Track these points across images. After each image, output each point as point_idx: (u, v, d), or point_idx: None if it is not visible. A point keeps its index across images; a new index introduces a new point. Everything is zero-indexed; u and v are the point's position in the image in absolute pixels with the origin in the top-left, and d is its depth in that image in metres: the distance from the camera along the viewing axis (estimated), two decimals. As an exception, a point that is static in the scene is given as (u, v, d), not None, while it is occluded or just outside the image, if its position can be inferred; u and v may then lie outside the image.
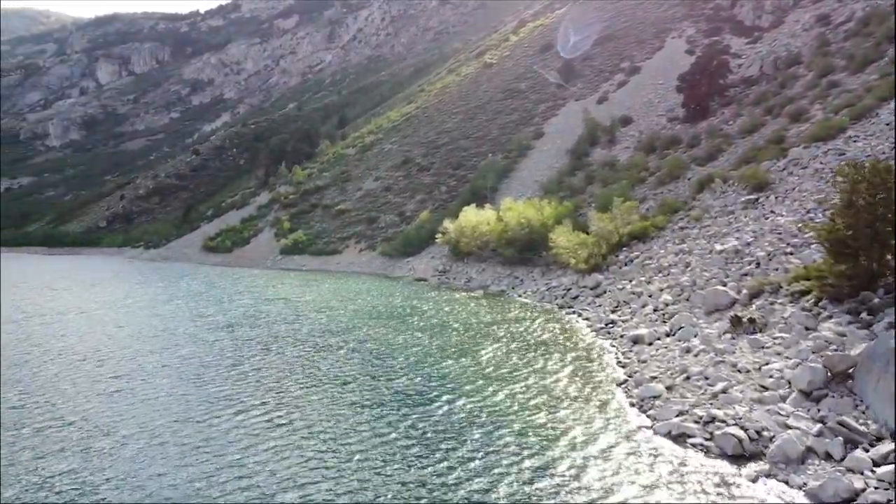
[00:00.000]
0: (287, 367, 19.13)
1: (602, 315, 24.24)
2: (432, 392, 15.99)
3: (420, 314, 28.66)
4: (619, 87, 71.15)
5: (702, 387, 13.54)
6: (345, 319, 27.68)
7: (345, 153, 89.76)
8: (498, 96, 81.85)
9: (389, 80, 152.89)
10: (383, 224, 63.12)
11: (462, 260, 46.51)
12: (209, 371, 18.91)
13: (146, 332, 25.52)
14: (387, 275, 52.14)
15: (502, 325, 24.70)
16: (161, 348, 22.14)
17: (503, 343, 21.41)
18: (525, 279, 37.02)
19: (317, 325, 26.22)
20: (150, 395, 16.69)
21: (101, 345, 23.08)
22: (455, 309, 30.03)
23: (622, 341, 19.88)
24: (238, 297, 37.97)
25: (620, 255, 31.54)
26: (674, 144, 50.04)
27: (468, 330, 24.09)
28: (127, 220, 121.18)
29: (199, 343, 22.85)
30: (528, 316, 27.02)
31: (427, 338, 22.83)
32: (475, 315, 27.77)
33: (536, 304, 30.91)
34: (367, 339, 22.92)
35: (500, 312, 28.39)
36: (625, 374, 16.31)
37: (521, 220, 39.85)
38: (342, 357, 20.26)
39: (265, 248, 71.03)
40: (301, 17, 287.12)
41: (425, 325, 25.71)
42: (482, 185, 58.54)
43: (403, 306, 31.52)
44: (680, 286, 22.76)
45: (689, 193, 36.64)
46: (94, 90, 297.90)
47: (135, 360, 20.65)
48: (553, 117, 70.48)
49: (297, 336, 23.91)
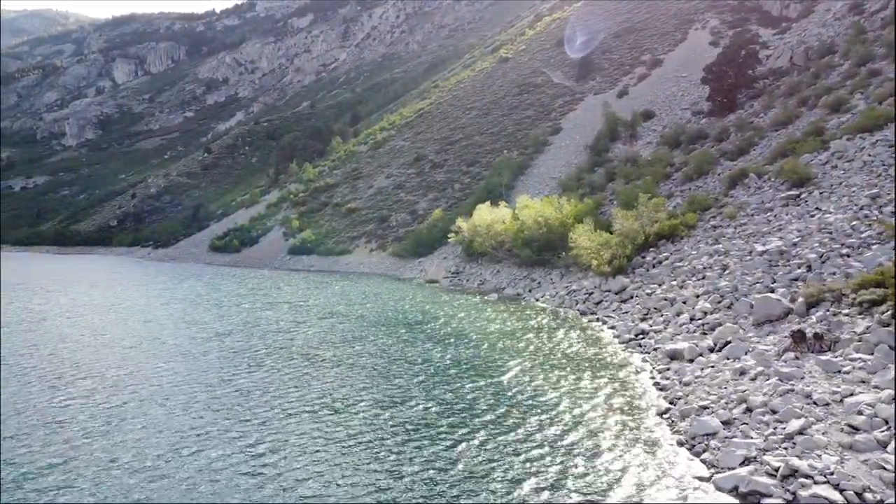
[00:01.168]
0: (275, 388, 16.53)
1: (630, 324, 21.69)
2: (445, 424, 13.39)
3: (432, 321, 26.22)
4: (640, 80, 68.42)
5: (769, 423, 10.87)
6: (349, 328, 25.27)
7: (356, 150, 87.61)
8: (514, 91, 79.26)
9: (403, 76, 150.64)
10: (394, 223, 60.83)
11: (475, 261, 44.08)
12: (180, 394, 16.13)
13: (128, 342, 23.25)
14: (397, 276, 49.83)
15: (521, 336, 22.21)
16: (136, 364, 19.50)
17: (524, 358, 18.90)
18: (543, 282, 34.50)
19: (318, 335, 23.83)
20: (99, 429, 13.66)
21: (71, 359, 20.61)
22: (469, 315, 27.58)
23: (657, 356, 17.33)
24: (239, 301, 35.79)
25: (647, 257, 28.91)
26: (700, 139, 47.36)
27: (485, 341, 21.60)
28: (138, 220, 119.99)
29: (183, 357, 20.46)
30: (549, 324, 24.50)
31: (439, 351, 20.32)
32: (491, 323, 25.31)
33: (556, 310, 28.38)
34: (371, 353, 20.48)
35: (517, 319, 25.90)
36: (666, 401, 13.70)
37: (538, 219, 37.34)
38: (341, 375, 17.69)
39: (273, 247, 69.03)
40: (316, 16, 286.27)
41: (437, 334, 23.26)
42: (497, 182, 56.10)
43: (414, 312, 29.09)
44: (719, 292, 20.15)
45: (720, 189, 34.00)
46: (111, 90, 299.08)
47: (101, 379, 17.94)
48: (571, 112, 67.89)
49: (294, 348, 21.48)
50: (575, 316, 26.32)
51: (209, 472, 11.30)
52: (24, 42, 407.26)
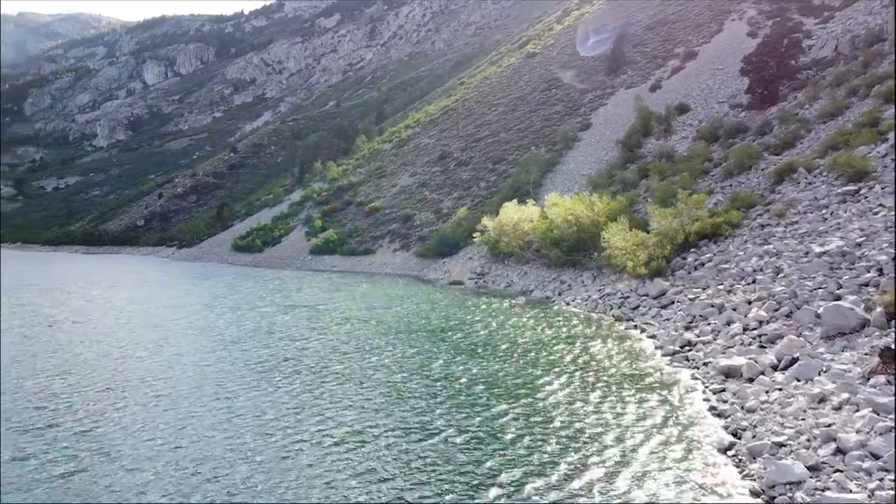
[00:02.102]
0: (278, 411, 14.43)
1: (673, 333, 19.57)
2: (469, 458, 11.30)
3: (456, 329, 24.27)
4: (674, 73, 65.72)
5: (872, 472, 8.66)
6: (367, 335, 23.45)
7: (381, 148, 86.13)
8: (541, 86, 77.00)
9: (429, 74, 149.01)
10: (418, 222, 59.10)
11: (502, 261, 42.13)
12: (155, 422, 13.90)
13: (128, 351, 21.67)
14: (420, 277, 48.08)
15: (554, 346, 20.20)
16: (123, 379, 17.49)
17: (559, 374, 16.87)
18: (573, 284, 32.41)
19: (332, 344, 22.02)
20: (66, 460, 11.91)
21: (61, 370, 19.05)
22: (496, 322, 25.63)
23: (708, 373, 15.20)
24: (257, 304, 34.27)
25: (688, 258, 26.68)
26: (740, 132, 44.90)
27: (514, 353, 19.62)
28: (164, 219, 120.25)
29: (179, 370, 18.62)
30: (583, 332, 22.44)
31: (464, 364, 18.32)
32: (520, 330, 23.31)
33: (589, 315, 26.31)
34: (388, 366, 18.55)
35: (549, 326, 23.88)
36: (728, 431, 11.53)
37: (568, 217, 35.26)
38: (350, 394, 15.71)
39: (296, 247, 67.79)
40: (343, 16, 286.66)
41: (462, 344, 21.30)
42: (524, 179, 53.99)
43: (437, 317, 27.18)
44: (775, 298, 17.94)
45: (765, 185, 31.60)
46: (141, 91, 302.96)
47: (81, 399, 16.02)
48: (601, 107, 65.48)
49: (304, 359, 19.59)
50: (610, 322, 24.22)
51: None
52: (58, 45, 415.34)
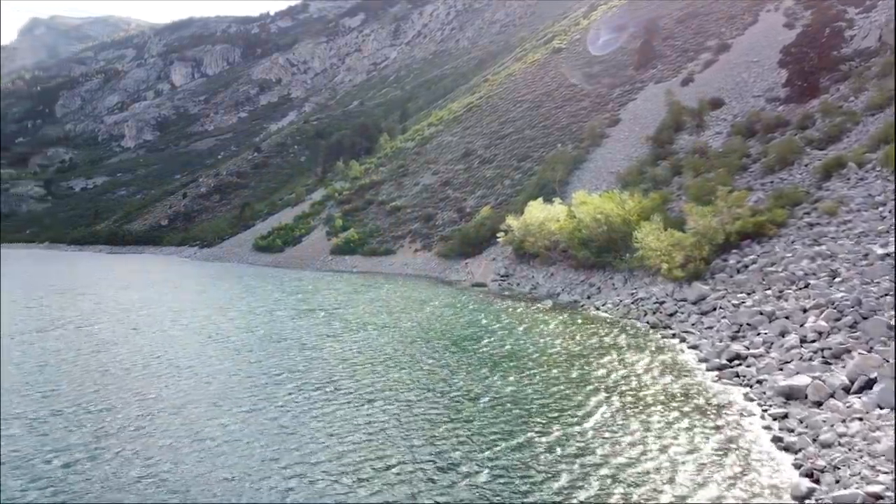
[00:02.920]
0: (268, 441, 12.59)
1: (718, 344, 17.65)
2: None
3: (481, 337, 22.46)
4: (706, 67, 63.19)
5: None
6: (384, 344, 21.78)
7: (403, 147, 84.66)
8: (567, 82, 74.84)
9: (453, 72, 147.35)
10: (440, 221, 57.46)
11: (527, 262, 40.29)
12: (135, 446, 12.57)
13: (126, 361, 20.17)
14: (442, 278, 46.43)
15: (587, 358, 18.37)
16: (110, 392, 15.94)
17: (596, 393, 15.00)
18: (603, 287, 30.51)
19: (345, 354, 20.34)
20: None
21: (44, 382, 17.71)
22: (523, 328, 23.86)
23: (765, 393, 13.30)
24: (271, 308, 32.91)
25: (729, 260, 24.66)
26: (779, 126, 42.53)
27: (545, 365, 17.80)
28: (187, 219, 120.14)
29: (175, 383, 17.13)
30: (616, 341, 20.57)
31: (490, 380, 16.41)
32: (550, 339, 21.48)
33: (621, 322, 24.42)
34: (406, 383, 16.70)
35: (579, 334, 22.04)
36: (802, 472, 9.61)
37: (597, 216, 33.34)
38: (365, 416, 13.86)
39: (316, 247, 66.58)
40: (367, 15, 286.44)
41: (488, 355, 19.47)
42: (550, 177, 52.04)
43: (460, 324, 25.40)
44: (835, 307, 15.97)
45: (810, 181, 29.45)
46: (168, 92, 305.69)
47: (60, 413, 14.78)
48: (630, 102, 63.19)
49: (313, 373, 17.89)
50: (645, 330, 22.32)
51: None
52: (88, 48, 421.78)
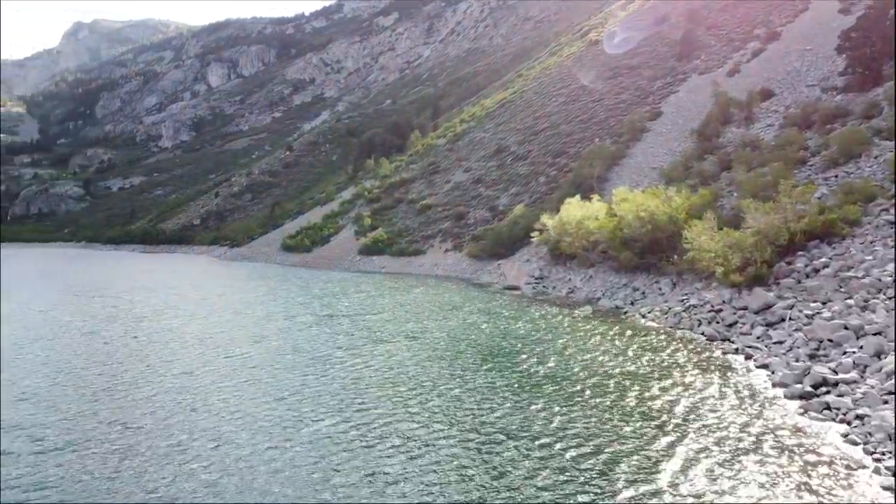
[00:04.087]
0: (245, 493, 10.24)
1: (795, 363, 14.89)
2: None
3: (518, 351, 19.80)
4: (754, 56, 59.52)
5: None
6: (411, 361, 19.15)
7: (434, 144, 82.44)
8: (606, 74, 71.76)
9: (486, 69, 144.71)
10: (472, 220, 55.06)
11: (563, 264, 37.66)
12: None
13: (107, 378, 17.95)
14: (473, 280, 44.05)
15: (646, 382, 15.60)
16: (72, 433, 13.49)
17: (660, 431, 12.19)
18: (648, 292, 27.77)
19: (366, 373, 17.77)
20: None
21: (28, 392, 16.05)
22: (564, 341, 21.26)
23: (871, 434, 10.57)
24: (293, 312, 30.86)
25: (796, 263, 21.74)
26: (839, 117, 39.08)
27: (599, 390, 15.02)
28: (220, 218, 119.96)
29: (155, 410, 14.83)
30: (674, 359, 17.79)
31: (539, 410, 13.58)
32: (599, 355, 18.75)
33: (672, 332, 21.71)
34: (434, 412, 13.91)
35: (630, 348, 19.35)
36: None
37: (641, 214, 30.56)
38: (376, 462, 11.27)
39: (345, 247, 64.79)
40: (401, 14, 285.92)
41: (529, 376, 16.75)
42: (587, 174, 49.29)
43: (495, 334, 22.79)
44: (943, 321, 13.12)
45: (883, 175, 26.29)
46: (205, 93, 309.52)
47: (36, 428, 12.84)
48: (672, 95, 59.93)
49: (324, 398, 15.23)
50: (702, 343, 19.59)
51: None
52: (128, 50, 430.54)
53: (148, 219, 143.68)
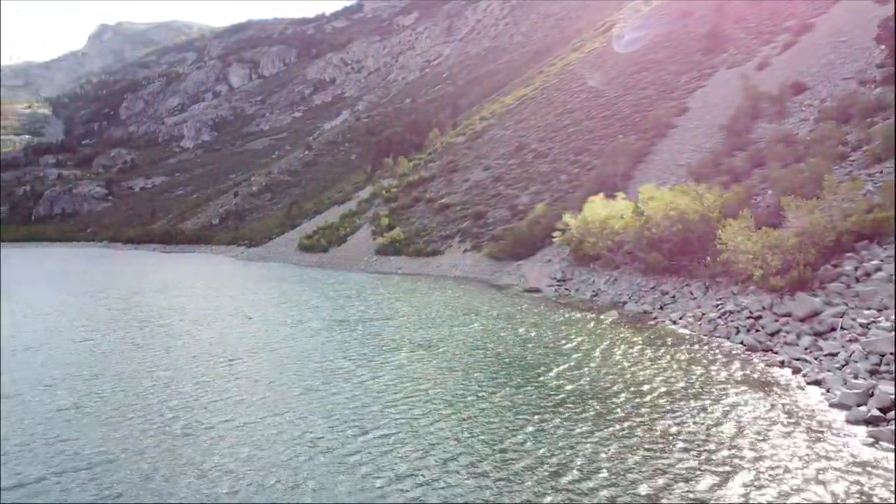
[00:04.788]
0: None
1: (854, 382, 13.10)
2: None
3: (548, 362, 18.00)
4: (785, 49, 57.20)
5: None
6: (425, 374, 17.45)
7: (453, 142, 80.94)
8: (629, 69, 69.77)
9: (506, 66, 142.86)
10: (491, 220, 53.49)
11: (586, 265, 35.95)
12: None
13: (89, 393, 16.88)
14: (492, 282, 42.49)
15: (688, 401, 13.77)
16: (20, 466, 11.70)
17: (707, 466, 10.44)
18: (678, 296, 26.01)
19: (374, 389, 16.04)
20: None
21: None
22: (588, 349, 19.64)
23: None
24: (304, 317, 29.50)
25: (845, 265, 19.88)
26: (880, 110, 36.84)
27: (637, 411, 13.26)
28: (238, 218, 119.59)
29: (148, 419, 13.84)
30: (710, 372, 16.02)
31: (575, 439, 11.78)
32: (631, 366, 17.04)
33: (707, 340, 19.98)
34: (448, 441, 12.02)
35: (664, 360, 17.60)
36: None
37: (670, 213, 28.80)
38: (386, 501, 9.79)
39: (361, 247, 63.56)
40: (420, 13, 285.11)
41: (560, 393, 15.00)
42: (612, 171, 47.52)
43: (519, 344, 21.02)
44: None
45: (935, 171, 24.29)
46: (226, 93, 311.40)
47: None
48: (699, 89, 57.87)
49: (326, 418, 13.57)
50: (741, 353, 17.86)
51: None
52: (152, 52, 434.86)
53: (168, 218, 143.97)
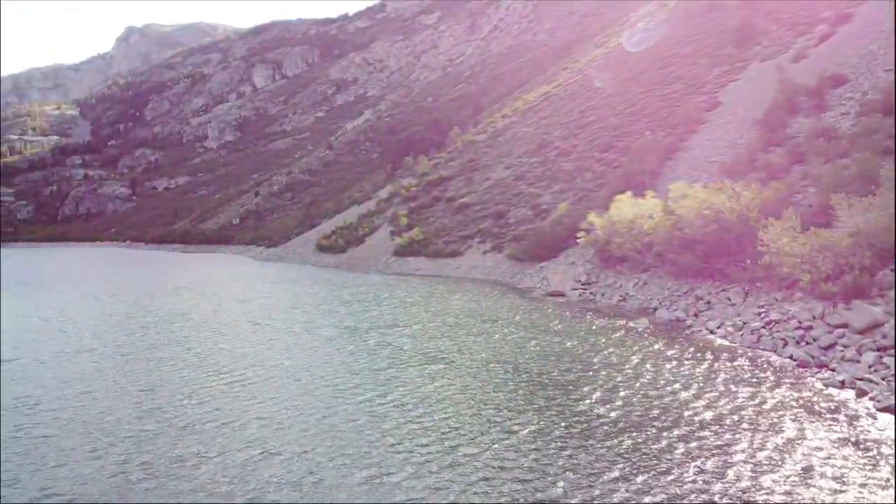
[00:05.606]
0: None
1: (937, 410, 11.13)
2: None
3: (580, 381, 15.93)
4: (822, 40, 54.53)
5: None
6: (441, 397, 15.37)
7: (474, 140, 79.11)
8: (656, 64, 67.39)
9: (529, 63, 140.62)
10: (512, 220, 51.63)
11: (613, 268, 33.97)
12: None
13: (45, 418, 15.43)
14: (513, 284, 40.64)
15: (739, 430, 11.87)
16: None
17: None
18: (714, 302, 23.95)
19: (384, 410, 14.30)
20: None
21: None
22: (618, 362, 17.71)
23: None
24: (314, 325, 27.83)
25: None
26: (930, 102, 34.34)
27: (677, 443, 11.44)
28: (259, 218, 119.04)
29: (118, 444, 12.25)
30: (765, 396, 13.86)
31: (609, 479, 10.00)
32: (671, 385, 15.05)
33: (749, 352, 17.98)
34: (466, 475, 10.37)
35: (707, 378, 15.55)
36: None
37: (704, 212, 26.71)
38: None
39: (379, 248, 62.04)
40: (443, 12, 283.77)
41: (592, 416, 13.12)
42: (639, 169, 45.37)
43: (546, 357, 19.03)
44: None
45: None
46: (250, 94, 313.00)
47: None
48: (731, 83, 55.37)
49: (318, 448, 11.95)
50: (792, 370, 15.83)
51: None
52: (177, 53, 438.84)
53: (190, 218, 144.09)
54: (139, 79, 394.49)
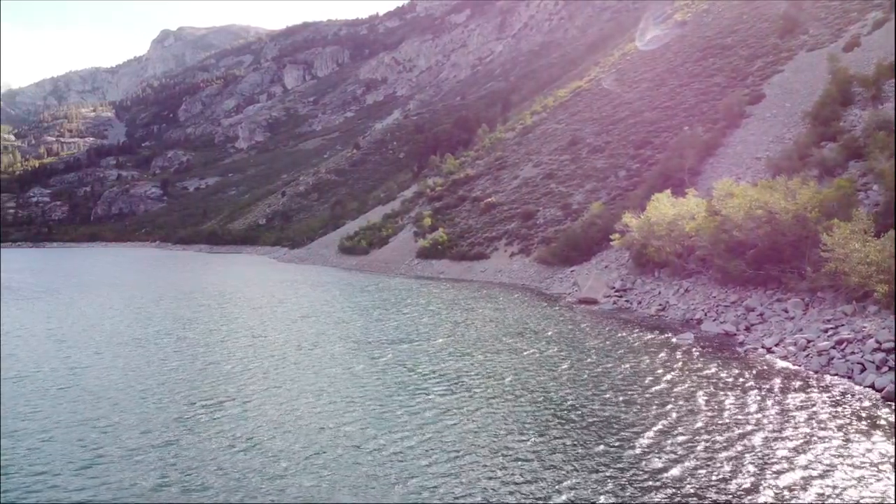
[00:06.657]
0: None
1: None
2: None
3: (627, 417, 13.46)
4: (876, 27, 50.79)
5: None
6: (461, 430, 13.18)
7: (502, 137, 76.43)
8: (694, 56, 63.99)
9: (560, 60, 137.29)
10: (541, 220, 48.96)
11: (650, 273, 31.19)
12: None
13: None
14: (542, 290, 38.05)
15: (826, 487, 9.43)
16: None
17: None
18: (769, 314, 21.12)
19: (391, 450, 12.08)
20: None
21: None
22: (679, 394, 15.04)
23: None
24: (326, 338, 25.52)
25: None
26: None
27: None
28: (285, 218, 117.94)
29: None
30: (851, 442, 11.28)
31: None
32: (731, 428, 12.44)
33: (818, 378, 15.25)
34: None
35: (773, 412, 12.97)
36: None
37: (755, 212, 23.84)
38: None
39: (403, 249, 59.86)
40: (473, 11, 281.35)
41: (638, 469, 10.68)
42: (677, 166, 42.42)
43: (584, 383, 16.43)
44: None
45: None
46: (280, 95, 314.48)
47: None
48: (776, 74, 51.88)
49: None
50: (877, 403, 13.11)
51: None
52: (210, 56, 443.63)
53: (218, 218, 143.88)
54: (173, 81, 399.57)
